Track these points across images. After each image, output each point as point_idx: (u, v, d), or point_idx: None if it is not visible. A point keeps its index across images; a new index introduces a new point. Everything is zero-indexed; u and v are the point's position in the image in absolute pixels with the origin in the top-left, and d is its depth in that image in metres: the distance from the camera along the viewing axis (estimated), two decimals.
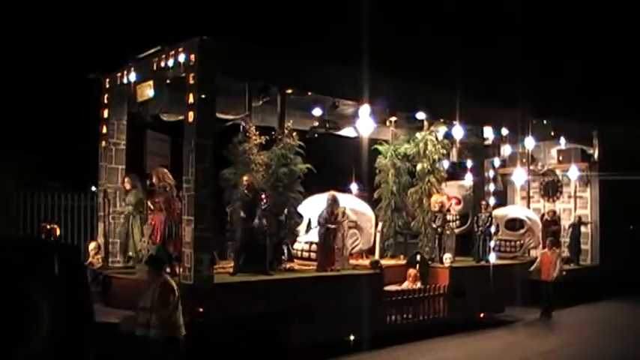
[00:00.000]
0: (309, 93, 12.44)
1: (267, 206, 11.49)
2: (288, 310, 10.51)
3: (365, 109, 14.09)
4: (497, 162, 15.84)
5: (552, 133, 16.93)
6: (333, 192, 12.34)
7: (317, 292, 11.10)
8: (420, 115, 14.74)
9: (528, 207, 19.08)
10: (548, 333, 14.16)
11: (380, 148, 15.50)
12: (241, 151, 12.22)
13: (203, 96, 9.92)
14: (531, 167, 19.09)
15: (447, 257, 13.80)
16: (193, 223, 9.73)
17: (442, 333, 13.05)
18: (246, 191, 11.30)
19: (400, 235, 15.29)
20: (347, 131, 16.14)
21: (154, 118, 11.85)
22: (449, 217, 16.34)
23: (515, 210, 18.01)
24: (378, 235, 15.29)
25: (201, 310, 9.47)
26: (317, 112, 14.03)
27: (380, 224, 15.38)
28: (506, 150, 15.75)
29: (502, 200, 19.74)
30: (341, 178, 16.13)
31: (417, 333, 12.69)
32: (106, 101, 12.38)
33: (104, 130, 12.39)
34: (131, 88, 11.40)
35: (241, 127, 12.34)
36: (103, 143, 12.35)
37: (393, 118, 15.57)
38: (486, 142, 15.85)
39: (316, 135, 14.74)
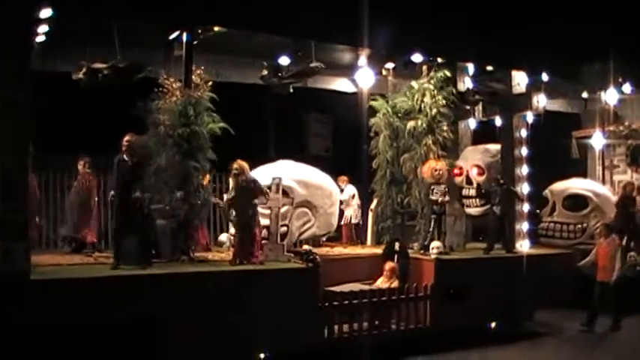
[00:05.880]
0: (216, 28, 9.39)
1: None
2: (158, 317, 7.75)
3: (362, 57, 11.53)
4: (530, 117, 11.72)
5: (619, 80, 12.45)
6: (239, 160, 9.22)
7: (209, 294, 8.16)
8: (417, 58, 11.19)
9: (604, 179, 14.62)
10: (586, 353, 10.14)
11: (374, 104, 12.08)
12: (153, 109, 9.60)
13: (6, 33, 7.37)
14: (611, 128, 14.63)
15: (435, 246, 10.22)
16: None
17: (424, 349, 9.63)
18: (124, 156, 8.65)
19: (399, 215, 11.87)
20: (340, 85, 13.01)
21: None
22: (471, 192, 12.67)
23: (579, 183, 13.64)
24: (371, 214, 12.07)
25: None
26: (284, 61, 11.08)
27: (374, 201, 12.09)
28: (540, 100, 11.57)
29: (582, 169, 15.47)
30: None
31: (381, 349, 9.36)
32: None
33: None
34: None
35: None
36: None
37: (390, 65, 12.12)
38: (517, 92, 11.83)
39: (292, 90, 11.64)
